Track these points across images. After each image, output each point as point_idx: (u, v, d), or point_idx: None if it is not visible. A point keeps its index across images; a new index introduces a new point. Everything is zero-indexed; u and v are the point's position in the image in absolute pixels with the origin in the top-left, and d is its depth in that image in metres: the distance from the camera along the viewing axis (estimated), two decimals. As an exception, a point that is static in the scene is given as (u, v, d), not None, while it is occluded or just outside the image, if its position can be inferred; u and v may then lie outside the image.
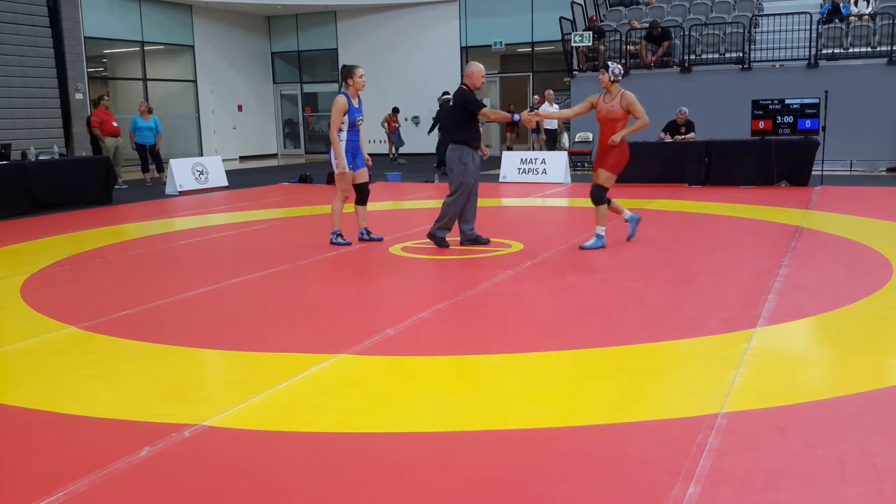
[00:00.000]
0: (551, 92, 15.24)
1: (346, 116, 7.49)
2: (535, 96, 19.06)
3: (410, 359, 4.29)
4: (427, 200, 11.82)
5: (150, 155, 15.24)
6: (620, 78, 7.16)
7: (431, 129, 17.74)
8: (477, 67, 7.34)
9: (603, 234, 7.27)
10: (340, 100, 7.47)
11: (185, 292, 6.00)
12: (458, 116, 7.34)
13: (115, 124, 14.77)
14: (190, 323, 5.23)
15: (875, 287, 5.58)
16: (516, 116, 7.55)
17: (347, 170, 7.60)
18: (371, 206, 8.53)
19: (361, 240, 8.00)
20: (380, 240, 8.01)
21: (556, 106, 15.36)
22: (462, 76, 7.56)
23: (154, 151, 15.24)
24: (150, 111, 15.15)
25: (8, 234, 9.29)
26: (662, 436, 3.20)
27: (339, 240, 7.82)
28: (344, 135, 7.54)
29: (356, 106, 7.59)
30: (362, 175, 7.81)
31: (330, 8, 23.10)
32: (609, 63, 7.25)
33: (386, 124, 20.12)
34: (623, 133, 7.10)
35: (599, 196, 7.19)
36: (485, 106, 7.42)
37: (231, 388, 3.99)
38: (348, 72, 7.55)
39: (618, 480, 2.83)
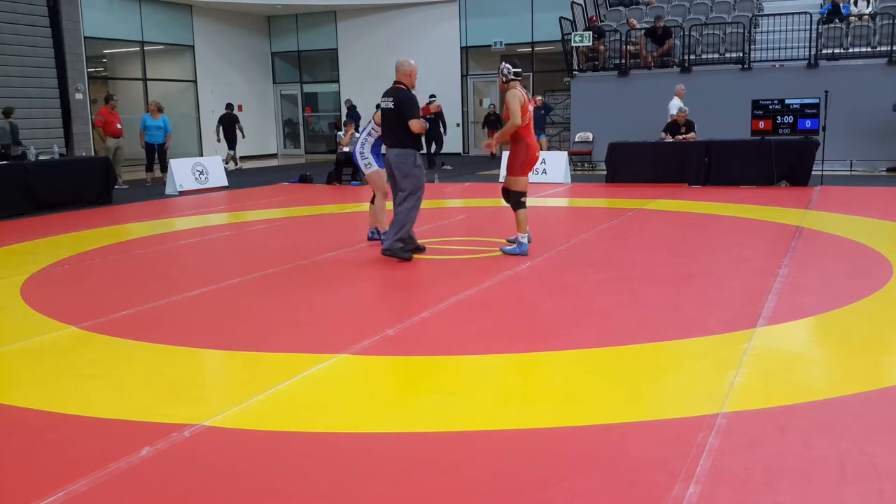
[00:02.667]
0: (682, 87, 14.53)
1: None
2: (538, 97, 18.97)
3: (410, 359, 4.29)
4: (426, 200, 11.79)
5: (157, 154, 15.27)
6: (511, 76, 6.76)
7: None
8: (412, 66, 6.89)
9: (524, 240, 6.99)
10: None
11: (185, 292, 6.00)
12: (404, 120, 6.80)
13: (119, 126, 14.76)
14: (190, 323, 5.23)
15: (875, 287, 5.58)
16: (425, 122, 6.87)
17: (376, 167, 7.66)
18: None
19: (371, 239, 8.03)
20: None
21: (681, 103, 14.58)
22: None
23: (162, 151, 15.24)
24: (160, 110, 15.18)
25: (8, 234, 9.29)
26: (662, 436, 3.20)
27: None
28: (371, 139, 7.61)
29: None
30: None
31: (330, 8, 23.09)
32: (504, 64, 6.81)
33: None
34: (496, 139, 6.97)
35: (516, 201, 6.97)
36: (418, 117, 6.78)
37: (231, 388, 3.99)
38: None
39: (618, 480, 2.83)
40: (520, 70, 6.87)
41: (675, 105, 14.11)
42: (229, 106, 19.30)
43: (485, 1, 21.53)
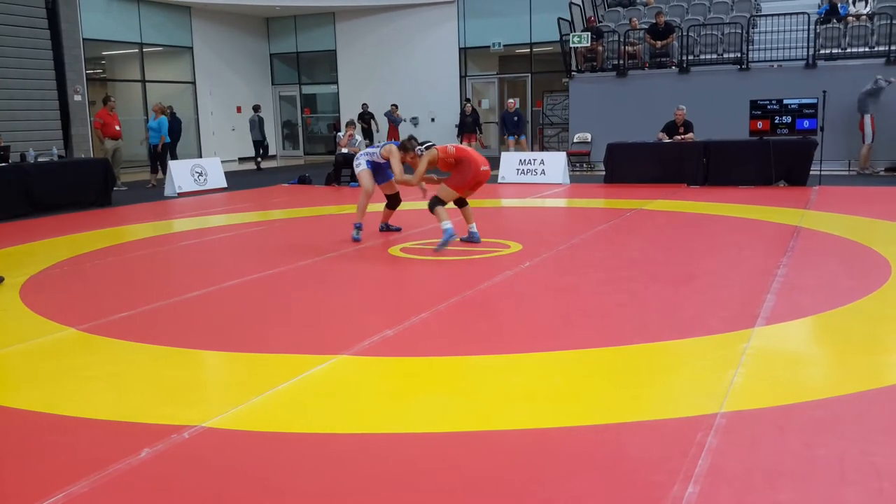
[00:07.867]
0: None
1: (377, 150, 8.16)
2: (511, 100, 18.50)
3: (410, 359, 4.29)
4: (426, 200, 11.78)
5: (151, 156, 15.40)
6: (423, 150, 7.52)
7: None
8: None
9: (448, 226, 7.27)
10: (396, 151, 7.89)
11: (184, 294, 5.99)
12: None
13: (117, 128, 14.72)
14: (189, 324, 5.23)
15: (873, 286, 5.58)
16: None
17: (364, 166, 8.15)
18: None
19: (382, 231, 8.64)
20: (398, 230, 8.72)
21: None
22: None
23: (154, 153, 15.29)
24: (162, 111, 15.33)
25: (7, 235, 9.28)
26: (662, 435, 3.20)
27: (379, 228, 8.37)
28: (372, 156, 8.14)
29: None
30: (391, 186, 8.38)
31: (328, 9, 23.09)
32: (416, 147, 7.66)
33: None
34: (416, 177, 7.60)
35: (432, 205, 7.42)
36: None
37: (230, 390, 3.99)
38: (412, 147, 7.84)
39: (617, 480, 2.84)
40: (428, 141, 7.70)
41: None
42: (364, 105, 21.33)
43: (483, 2, 21.53)
